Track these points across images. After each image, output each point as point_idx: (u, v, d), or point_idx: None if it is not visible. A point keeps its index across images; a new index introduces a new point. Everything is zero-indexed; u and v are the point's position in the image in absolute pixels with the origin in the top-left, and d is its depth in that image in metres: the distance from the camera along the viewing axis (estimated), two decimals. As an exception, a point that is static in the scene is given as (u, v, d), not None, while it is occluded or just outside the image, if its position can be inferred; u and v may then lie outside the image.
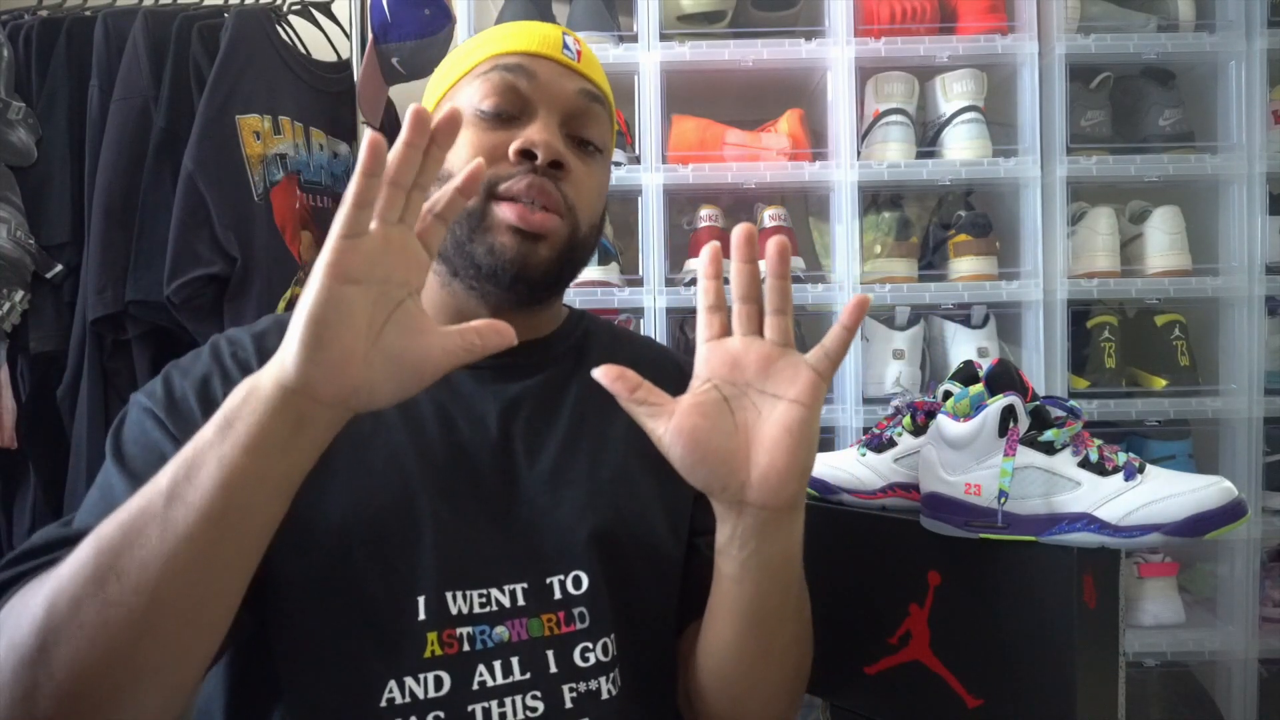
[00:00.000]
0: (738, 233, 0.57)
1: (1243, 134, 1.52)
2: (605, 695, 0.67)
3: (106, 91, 1.39)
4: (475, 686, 0.64)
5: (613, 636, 0.69)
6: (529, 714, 0.64)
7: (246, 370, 0.66)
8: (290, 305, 1.43)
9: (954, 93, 1.55)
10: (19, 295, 1.36)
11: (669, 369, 0.81)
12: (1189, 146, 1.55)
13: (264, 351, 0.69)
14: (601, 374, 0.57)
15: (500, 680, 0.64)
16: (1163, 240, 1.53)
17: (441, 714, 0.63)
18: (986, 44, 1.52)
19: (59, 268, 1.39)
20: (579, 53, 0.74)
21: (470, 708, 0.63)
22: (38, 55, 1.43)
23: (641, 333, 1.46)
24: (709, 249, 0.59)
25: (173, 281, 1.30)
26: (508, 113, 0.70)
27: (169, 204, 1.33)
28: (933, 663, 0.82)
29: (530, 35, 0.72)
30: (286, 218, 1.45)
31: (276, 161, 1.44)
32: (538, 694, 0.65)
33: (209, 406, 0.63)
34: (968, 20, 1.54)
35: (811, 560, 0.96)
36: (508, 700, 0.64)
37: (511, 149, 0.67)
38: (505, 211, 0.67)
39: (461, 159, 0.69)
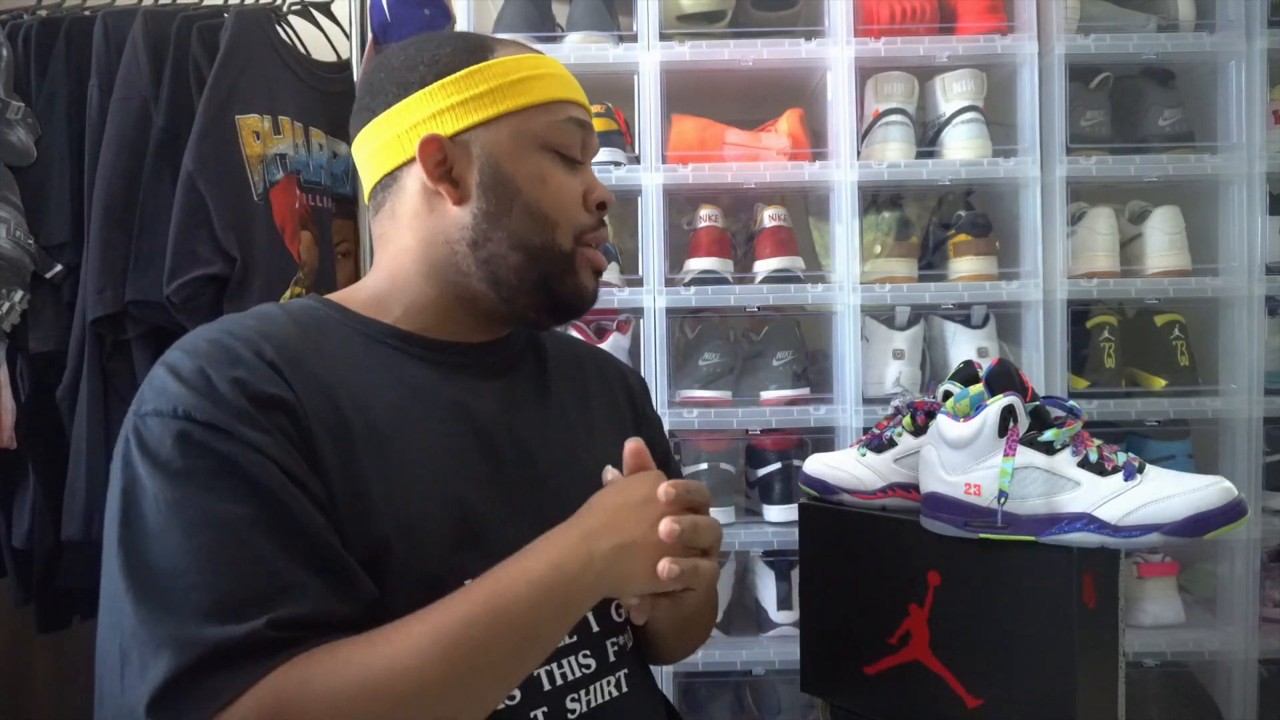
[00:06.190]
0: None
1: (1243, 134, 1.52)
2: (629, 645, 0.77)
3: (106, 91, 1.38)
4: None
5: None
6: (584, 671, 0.72)
7: (272, 365, 0.63)
8: (290, 305, 1.42)
9: (954, 93, 1.55)
10: (18, 295, 1.36)
11: (607, 361, 0.94)
12: (1189, 146, 1.55)
13: (271, 342, 0.66)
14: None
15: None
16: (1162, 240, 1.53)
17: None
18: (986, 44, 1.52)
19: (58, 268, 1.39)
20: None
21: (536, 672, 0.69)
22: (37, 55, 1.43)
23: (642, 332, 1.53)
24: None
25: (172, 281, 1.30)
26: (580, 162, 0.78)
27: (169, 204, 1.33)
28: (932, 663, 0.82)
29: (577, 89, 0.79)
30: (286, 218, 1.45)
31: (276, 161, 1.44)
32: (588, 653, 0.72)
33: (254, 401, 0.60)
34: (968, 20, 1.54)
35: (812, 560, 0.97)
36: (565, 661, 0.71)
37: (593, 201, 0.76)
38: (591, 256, 0.77)
39: (573, 196, 0.75)
